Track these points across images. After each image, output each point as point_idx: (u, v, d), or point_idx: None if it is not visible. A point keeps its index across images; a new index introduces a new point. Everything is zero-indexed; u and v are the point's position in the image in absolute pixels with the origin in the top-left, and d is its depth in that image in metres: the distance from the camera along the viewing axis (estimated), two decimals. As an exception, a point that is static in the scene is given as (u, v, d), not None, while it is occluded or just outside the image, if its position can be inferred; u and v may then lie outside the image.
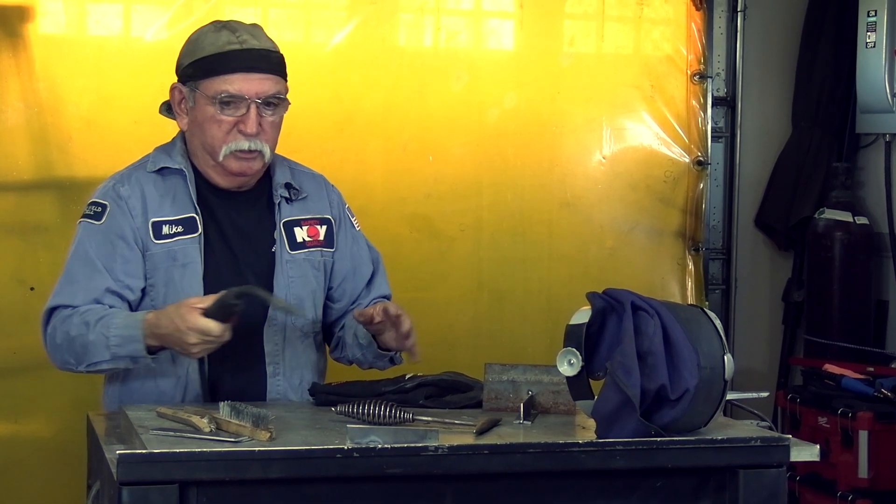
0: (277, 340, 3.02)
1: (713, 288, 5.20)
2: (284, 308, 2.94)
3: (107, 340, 2.83)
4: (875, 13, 4.79)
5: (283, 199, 3.08)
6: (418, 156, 4.70)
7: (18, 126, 4.33)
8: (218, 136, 2.94)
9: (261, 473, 2.34)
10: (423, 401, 2.81)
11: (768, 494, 2.51)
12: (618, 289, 2.59)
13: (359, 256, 3.19)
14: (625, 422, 2.45)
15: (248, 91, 2.92)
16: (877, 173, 5.01)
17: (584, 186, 4.92)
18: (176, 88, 3.04)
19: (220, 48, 2.95)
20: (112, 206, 2.98)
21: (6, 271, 4.33)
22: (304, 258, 3.07)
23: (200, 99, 2.96)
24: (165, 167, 3.03)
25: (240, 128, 2.93)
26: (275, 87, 2.96)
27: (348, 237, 3.17)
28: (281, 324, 3.02)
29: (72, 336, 2.87)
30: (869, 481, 4.26)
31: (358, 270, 3.18)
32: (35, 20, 4.34)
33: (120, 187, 3.01)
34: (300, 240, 3.07)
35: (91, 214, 3.00)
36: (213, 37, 2.98)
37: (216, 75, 2.93)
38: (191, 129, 3.02)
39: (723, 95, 5.17)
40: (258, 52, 2.96)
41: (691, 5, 5.00)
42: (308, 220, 3.10)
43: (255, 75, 2.93)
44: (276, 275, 3.02)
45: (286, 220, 3.07)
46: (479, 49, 4.84)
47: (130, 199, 2.98)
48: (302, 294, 3.05)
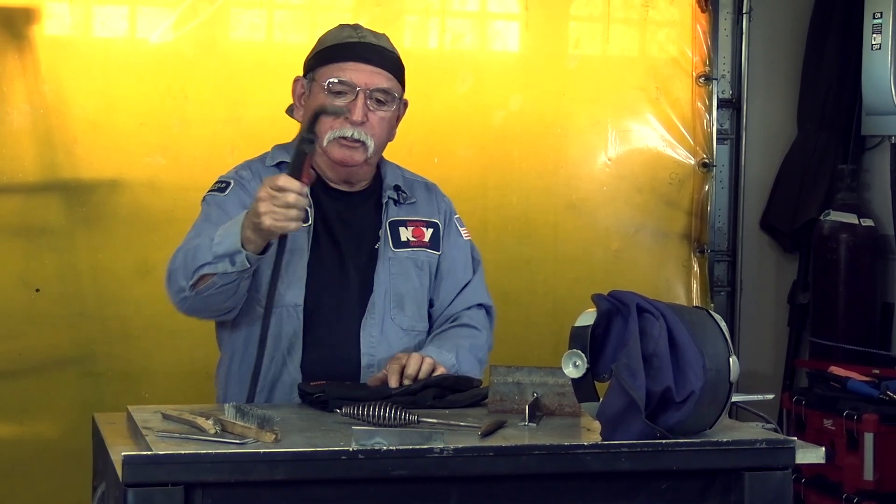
0: (374, 333, 3.04)
1: (718, 290, 5.20)
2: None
3: (211, 241, 2.82)
4: (881, 15, 4.79)
5: (392, 201, 3.12)
6: (423, 158, 4.70)
7: (24, 128, 4.34)
8: (325, 122, 2.96)
9: (266, 475, 2.34)
10: (431, 401, 2.81)
11: (774, 497, 2.51)
12: (623, 291, 2.59)
13: (458, 260, 3.20)
14: (630, 424, 2.45)
15: (358, 80, 2.99)
16: (882, 175, 5.01)
17: (590, 188, 4.92)
18: (298, 81, 3.11)
19: (340, 40, 3.05)
20: (235, 184, 3.06)
21: (11, 273, 4.33)
22: (407, 256, 3.10)
23: (315, 87, 3.03)
24: (283, 161, 3.06)
25: (346, 115, 2.98)
26: (386, 82, 3.03)
27: (452, 243, 3.19)
28: (379, 316, 3.04)
29: (190, 248, 2.88)
30: (874, 483, 4.26)
31: (453, 273, 3.18)
32: (41, 22, 4.35)
33: (242, 171, 3.09)
34: (404, 239, 3.11)
35: (216, 189, 3.07)
36: (336, 32, 3.09)
37: (332, 63, 3.01)
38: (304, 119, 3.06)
39: (728, 97, 5.18)
40: (374, 46, 3.05)
41: (696, 7, 5.00)
42: (414, 221, 3.14)
43: (368, 66, 3.01)
44: (377, 270, 3.05)
45: (392, 219, 3.12)
46: (484, 51, 4.85)
47: (251, 182, 3.04)
48: (402, 291, 3.08)
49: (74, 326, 4.39)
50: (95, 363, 4.40)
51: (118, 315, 4.42)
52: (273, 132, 4.30)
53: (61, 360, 4.39)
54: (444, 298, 3.17)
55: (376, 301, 3.04)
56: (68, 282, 4.37)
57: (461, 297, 3.18)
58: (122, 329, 4.42)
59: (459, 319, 3.16)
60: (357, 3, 4.68)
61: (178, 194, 4.42)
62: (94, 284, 4.39)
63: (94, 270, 4.39)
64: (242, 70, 4.52)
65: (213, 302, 2.92)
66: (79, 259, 4.39)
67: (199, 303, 2.91)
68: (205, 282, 2.85)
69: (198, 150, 4.48)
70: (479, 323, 3.18)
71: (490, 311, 3.25)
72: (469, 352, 3.08)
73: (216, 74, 4.50)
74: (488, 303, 3.24)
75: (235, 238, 2.79)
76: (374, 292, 3.05)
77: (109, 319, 4.40)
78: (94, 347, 4.40)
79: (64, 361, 4.40)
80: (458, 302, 3.18)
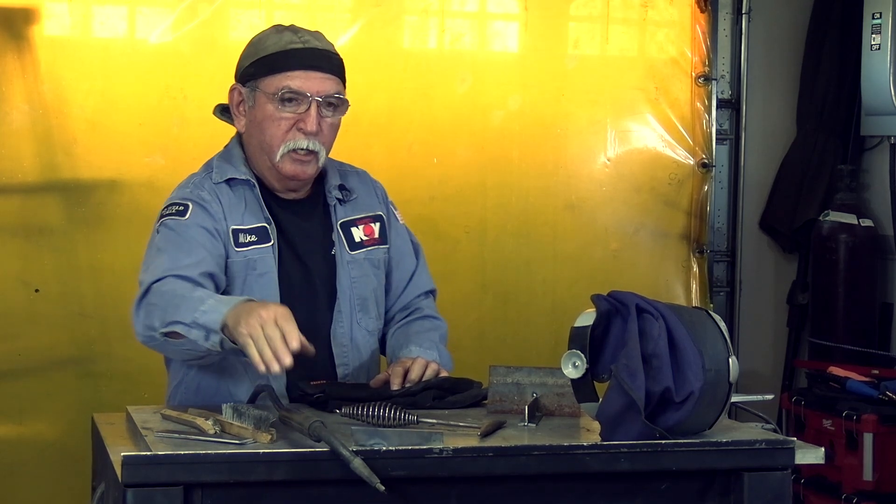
0: (345, 341, 3.02)
1: (718, 290, 5.20)
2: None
3: (200, 303, 2.68)
4: (880, 15, 4.78)
5: (338, 201, 3.09)
6: (423, 158, 4.70)
7: (23, 128, 4.33)
8: (277, 134, 2.93)
9: (265, 475, 2.34)
10: (432, 402, 2.81)
11: (773, 497, 2.51)
12: (622, 291, 2.59)
13: (402, 250, 3.18)
14: (629, 424, 2.45)
15: (309, 88, 2.93)
16: (881, 175, 5.01)
17: (589, 188, 4.92)
18: (235, 90, 3.02)
19: (282, 47, 2.96)
20: (194, 206, 2.92)
21: (11, 273, 4.33)
22: (365, 257, 3.08)
23: (261, 97, 2.95)
24: (232, 178, 2.99)
25: (299, 126, 2.92)
26: (335, 88, 2.97)
27: (393, 231, 3.17)
28: (347, 323, 3.02)
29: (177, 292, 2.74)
30: (874, 484, 4.26)
31: (401, 264, 3.17)
32: (40, 22, 4.34)
33: (199, 191, 2.95)
34: (358, 239, 3.08)
35: (174, 212, 2.91)
36: (275, 37, 3.00)
37: (278, 72, 2.93)
38: (249, 130, 3.00)
39: (727, 98, 5.17)
40: (320, 51, 2.98)
41: (696, 8, 5.00)
42: (362, 218, 3.11)
43: (317, 74, 2.94)
44: (338, 277, 3.02)
45: (342, 220, 3.08)
46: (483, 51, 4.84)
47: (212, 203, 2.94)
48: (365, 294, 3.06)
49: (74, 326, 4.38)
50: (95, 363, 4.40)
51: (117, 315, 4.40)
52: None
53: (60, 360, 4.39)
54: (396, 289, 3.16)
55: (342, 308, 3.02)
56: (68, 282, 4.37)
57: (411, 286, 3.18)
58: (121, 329, 4.39)
59: (419, 311, 3.16)
60: (356, 4, 4.67)
61: (178, 194, 4.42)
62: (93, 284, 4.39)
63: (94, 270, 4.39)
64: (242, 70, 4.52)
65: (177, 355, 2.87)
66: (78, 259, 4.38)
67: (163, 348, 2.83)
68: (176, 337, 2.72)
69: (197, 151, 4.46)
70: (434, 311, 3.19)
71: (435, 294, 3.24)
72: (442, 344, 3.10)
73: (215, 74, 4.49)
74: (433, 287, 3.24)
75: (219, 316, 2.64)
76: (339, 299, 3.02)
77: (109, 319, 4.39)
78: (93, 347, 4.40)
79: (63, 361, 4.39)
80: (408, 291, 3.17)
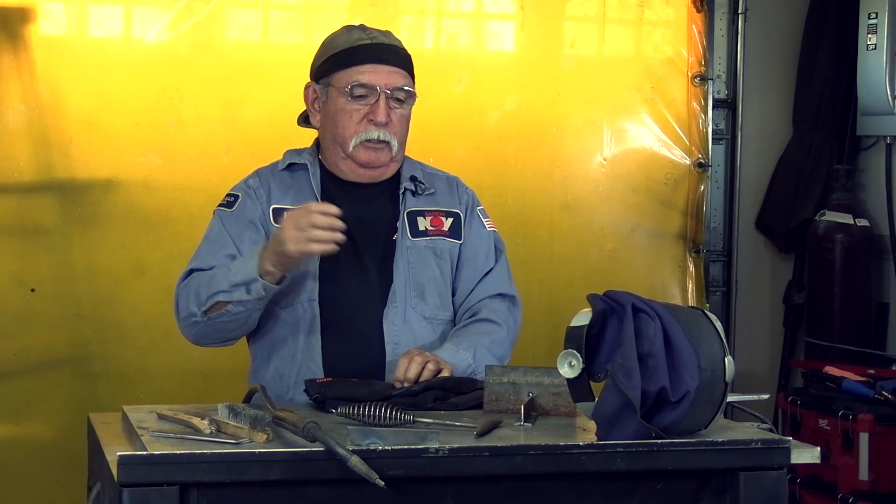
0: (397, 322, 3.06)
1: (714, 290, 5.20)
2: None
3: (228, 271, 2.92)
4: (876, 15, 4.79)
5: (409, 192, 3.16)
6: (419, 157, 4.63)
7: (19, 128, 4.33)
8: (349, 126, 3.06)
9: (261, 475, 2.34)
10: (432, 404, 2.80)
11: (769, 497, 2.51)
12: (618, 291, 2.59)
13: (478, 249, 3.21)
14: (625, 424, 2.45)
15: (378, 81, 3.06)
16: (877, 175, 5.02)
17: (585, 188, 4.92)
18: (310, 87, 3.16)
19: (351, 43, 3.10)
20: (242, 195, 3.12)
21: (6, 273, 4.33)
22: (426, 245, 3.13)
23: (333, 92, 3.09)
24: (293, 163, 3.15)
25: (370, 117, 3.06)
26: (403, 81, 3.10)
27: (471, 231, 3.21)
28: (401, 306, 3.06)
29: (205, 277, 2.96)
30: (870, 484, 4.26)
31: (473, 262, 3.19)
32: (36, 22, 4.34)
33: (249, 180, 3.16)
34: (422, 228, 3.15)
35: (225, 203, 3.14)
36: (345, 35, 3.13)
37: (348, 67, 3.07)
38: (323, 124, 3.14)
39: (723, 98, 5.18)
40: (387, 46, 3.12)
41: (692, 7, 5.00)
42: (433, 211, 3.18)
43: (385, 67, 3.08)
44: (395, 260, 3.09)
45: (410, 209, 3.15)
46: (479, 51, 4.84)
47: (258, 188, 3.12)
48: (422, 280, 3.11)
49: (70, 326, 4.38)
50: (91, 363, 4.40)
51: (113, 315, 4.41)
52: (268, 132, 4.33)
53: (56, 360, 4.39)
54: (465, 286, 3.18)
55: (397, 290, 3.07)
56: (63, 282, 4.36)
57: (482, 286, 3.19)
58: (117, 329, 4.41)
59: (480, 313, 3.16)
60: (352, 4, 4.67)
61: (174, 194, 4.42)
62: (89, 284, 4.38)
63: (90, 270, 4.39)
64: (238, 70, 4.52)
65: (224, 329, 3.00)
66: (74, 259, 4.38)
67: (208, 328, 2.99)
68: (217, 309, 2.93)
69: (193, 150, 4.48)
70: (499, 317, 3.17)
71: (514, 301, 3.23)
72: (488, 350, 3.09)
73: (211, 74, 4.50)
74: (511, 293, 3.23)
75: (253, 267, 2.88)
76: (395, 282, 3.08)
77: (105, 319, 4.39)
78: (89, 347, 4.40)
79: (59, 361, 4.39)
80: (478, 290, 3.19)
